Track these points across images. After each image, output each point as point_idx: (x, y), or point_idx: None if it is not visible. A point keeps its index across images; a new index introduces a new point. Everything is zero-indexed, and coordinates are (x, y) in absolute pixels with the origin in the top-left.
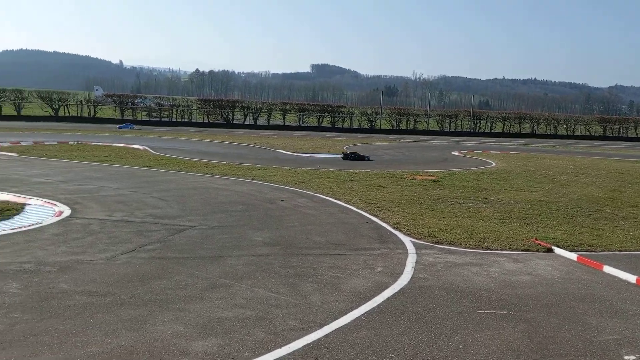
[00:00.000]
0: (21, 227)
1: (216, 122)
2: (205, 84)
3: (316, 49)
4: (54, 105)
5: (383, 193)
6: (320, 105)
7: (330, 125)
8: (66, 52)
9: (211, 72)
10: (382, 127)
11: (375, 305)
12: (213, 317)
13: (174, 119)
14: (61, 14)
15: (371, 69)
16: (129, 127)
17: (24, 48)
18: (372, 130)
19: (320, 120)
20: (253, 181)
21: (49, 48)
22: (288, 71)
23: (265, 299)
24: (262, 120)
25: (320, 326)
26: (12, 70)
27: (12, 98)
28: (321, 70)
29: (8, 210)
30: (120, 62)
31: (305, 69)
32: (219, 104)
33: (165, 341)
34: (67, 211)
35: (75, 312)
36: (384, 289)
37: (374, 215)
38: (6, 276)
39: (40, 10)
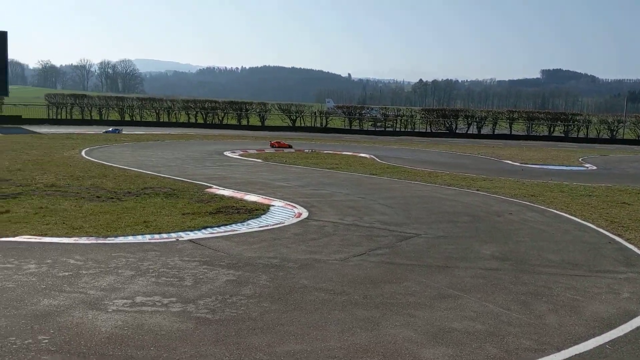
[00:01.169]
0: (267, 226)
1: (439, 131)
2: (428, 94)
3: (547, 53)
4: (291, 117)
5: (628, 211)
6: (552, 113)
7: (562, 135)
8: (302, 67)
9: (434, 81)
10: (625, 137)
11: (622, 334)
12: (443, 327)
13: (397, 129)
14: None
15: (611, 73)
16: (116, 132)
17: (267, 65)
18: (613, 141)
19: (552, 129)
20: (478, 192)
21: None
22: (515, 78)
23: (496, 315)
24: (486, 130)
25: (558, 349)
26: (258, 85)
27: (258, 110)
28: (552, 75)
29: (257, 210)
30: (349, 75)
31: (534, 74)
32: (442, 113)
33: (397, 344)
34: (304, 213)
35: (314, 307)
36: (632, 317)
37: (618, 235)
38: (257, 269)
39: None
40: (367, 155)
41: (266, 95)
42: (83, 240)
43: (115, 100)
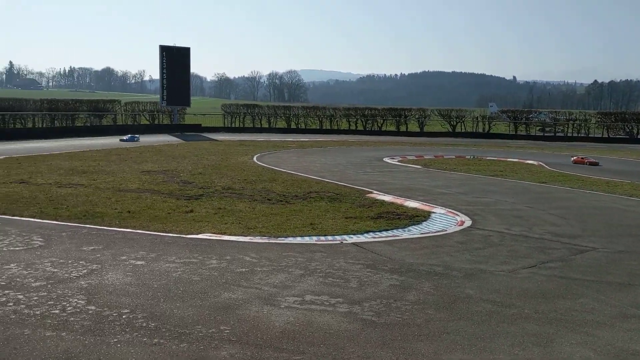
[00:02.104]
0: (429, 233)
1: (617, 136)
2: (604, 96)
3: None
4: (451, 122)
5: None
6: None
7: None
8: (464, 71)
9: (611, 82)
10: None
11: None
12: (626, 349)
13: (569, 134)
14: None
15: None
16: (134, 140)
17: (427, 70)
18: None
19: None
20: None
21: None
22: None
23: None
24: None
25: None
26: (417, 91)
27: (417, 116)
28: None
29: (417, 216)
30: (514, 77)
31: None
32: (621, 117)
33: None
34: (467, 221)
35: (481, 318)
36: None
37: None
38: (420, 275)
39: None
40: (535, 162)
41: (426, 101)
42: (257, 239)
43: (283, 109)
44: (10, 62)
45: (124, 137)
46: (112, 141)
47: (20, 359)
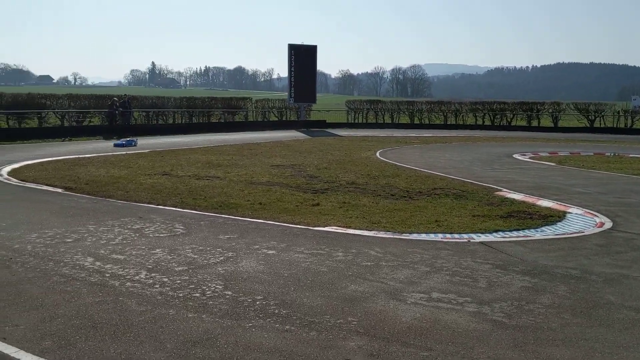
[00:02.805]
0: (564, 234)
1: None
2: None
3: None
4: (589, 117)
5: None
6: None
7: None
8: (602, 62)
9: None
10: None
11: None
12: None
13: None
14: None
15: None
16: (131, 144)
17: (561, 62)
18: None
19: None
20: None
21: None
22: None
23: None
24: None
25: None
26: (550, 84)
27: (550, 110)
28: None
29: (551, 216)
30: None
31: None
32: None
33: None
34: (608, 223)
35: (624, 326)
36: None
37: None
38: (554, 278)
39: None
40: None
41: (560, 95)
42: (381, 234)
43: (406, 105)
44: (153, 63)
45: (119, 141)
46: (244, 136)
47: (166, 337)
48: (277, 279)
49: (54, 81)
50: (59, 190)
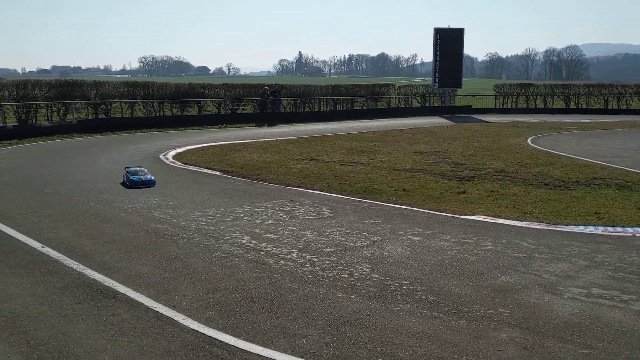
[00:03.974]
0: None
1: None
2: None
3: None
4: None
5: None
6: None
7: None
8: None
9: None
10: None
11: None
12: None
13: None
14: None
15: None
16: (147, 182)
17: None
18: None
19: None
20: None
21: None
22: None
23: None
24: None
25: None
26: None
27: None
28: None
29: None
30: None
31: None
32: None
33: None
34: None
35: None
36: None
37: None
38: None
39: None
40: None
41: None
42: (534, 225)
43: (561, 88)
44: (300, 53)
45: (130, 172)
46: (387, 123)
47: (317, 314)
48: (423, 265)
49: (210, 72)
50: (217, 173)
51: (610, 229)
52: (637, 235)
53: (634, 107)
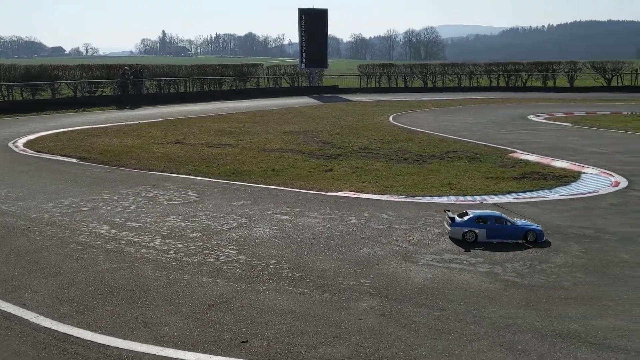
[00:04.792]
0: (579, 194)
1: None
2: None
3: None
4: (606, 75)
5: None
6: None
7: None
8: (621, 19)
9: None
10: None
11: None
12: None
13: None
14: None
15: None
16: None
17: (578, 20)
18: None
19: None
20: None
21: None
22: None
23: None
24: None
25: None
26: (567, 43)
27: (566, 70)
28: None
29: (566, 176)
30: None
31: None
32: None
33: None
34: (623, 182)
35: (638, 284)
36: None
37: None
38: (568, 238)
39: None
40: None
41: (577, 54)
42: (394, 198)
43: (419, 68)
44: (163, 32)
45: None
46: (256, 104)
47: (181, 301)
48: (290, 243)
49: (66, 52)
50: (74, 160)
51: (461, 198)
52: (484, 202)
53: (483, 85)
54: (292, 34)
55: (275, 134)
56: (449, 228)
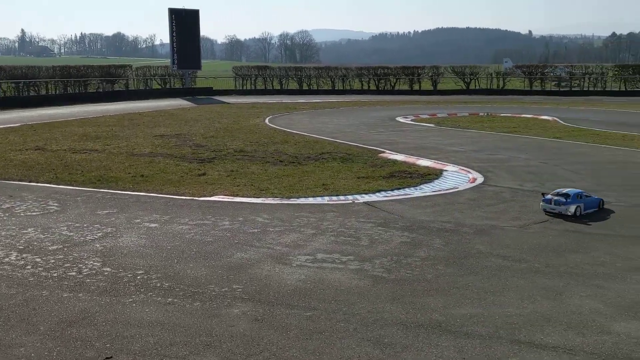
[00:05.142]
0: (441, 190)
1: (635, 89)
2: (622, 49)
3: None
4: (465, 79)
5: None
6: None
7: None
8: (478, 27)
9: (630, 34)
10: None
11: None
12: (638, 301)
13: (585, 88)
14: None
15: None
16: None
17: (441, 27)
18: None
19: None
20: None
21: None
22: None
23: None
24: None
25: None
26: (431, 48)
27: (430, 74)
28: None
29: (430, 174)
30: (530, 32)
31: None
32: (639, 69)
33: (583, 315)
34: (480, 178)
35: (491, 273)
36: None
37: None
38: (431, 232)
39: None
40: (549, 118)
41: (441, 59)
42: (269, 200)
43: (294, 71)
44: (22, 30)
45: None
46: (125, 106)
47: (39, 319)
48: (159, 252)
49: None
50: None
51: (334, 198)
52: (355, 201)
53: (356, 88)
54: (163, 34)
55: (145, 138)
56: (560, 207)
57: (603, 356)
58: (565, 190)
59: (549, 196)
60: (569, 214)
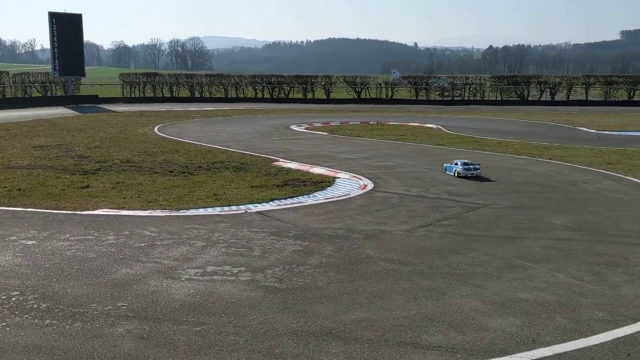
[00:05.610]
0: (333, 197)
1: (510, 99)
2: (499, 61)
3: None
4: (356, 89)
5: None
6: (632, 77)
7: None
8: (368, 38)
9: (505, 47)
10: None
11: None
12: (511, 297)
13: (465, 98)
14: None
15: None
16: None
17: (332, 37)
18: None
19: (632, 93)
20: (551, 161)
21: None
22: (592, 40)
23: (568, 285)
24: (560, 96)
25: (634, 321)
26: (324, 58)
27: (323, 83)
28: (634, 36)
29: (322, 182)
30: (415, 44)
31: (614, 36)
32: (513, 80)
33: (464, 314)
34: (370, 185)
35: (380, 277)
36: None
37: None
38: (323, 239)
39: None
40: (433, 126)
41: (333, 68)
42: (157, 212)
43: (185, 78)
44: None
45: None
46: (1, 115)
47: None
48: (37, 271)
49: None
50: None
51: (226, 208)
52: (248, 211)
53: (249, 96)
54: (44, 39)
55: (23, 149)
56: (477, 171)
57: (481, 352)
58: (467, 161)
59: (462, 167)
60: (480, 174)
